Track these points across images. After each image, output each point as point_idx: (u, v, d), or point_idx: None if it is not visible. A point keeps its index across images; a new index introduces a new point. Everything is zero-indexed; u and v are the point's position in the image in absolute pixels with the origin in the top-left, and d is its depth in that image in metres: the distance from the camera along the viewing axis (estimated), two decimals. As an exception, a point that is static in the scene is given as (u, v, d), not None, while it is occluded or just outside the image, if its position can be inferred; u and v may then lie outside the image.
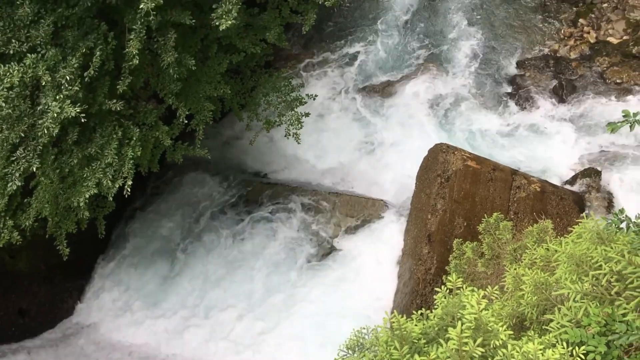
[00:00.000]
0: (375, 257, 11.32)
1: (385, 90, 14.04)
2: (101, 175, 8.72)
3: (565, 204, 10.40)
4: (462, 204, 10.24)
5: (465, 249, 8.26)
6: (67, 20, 8.48)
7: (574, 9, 13.99)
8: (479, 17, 14.52)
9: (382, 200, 12.17)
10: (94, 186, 8.71)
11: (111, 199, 9.08)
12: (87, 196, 8.63)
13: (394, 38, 14.88)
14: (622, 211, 4.61)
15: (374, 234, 11.72)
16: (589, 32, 13.38)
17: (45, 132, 7.97)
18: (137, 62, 8.39)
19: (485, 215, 8.88)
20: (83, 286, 12.73)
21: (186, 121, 10.08)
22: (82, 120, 7.93)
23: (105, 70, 8.84)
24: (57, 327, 12.23)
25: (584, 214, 8.12)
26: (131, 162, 8.94)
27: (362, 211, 12.14)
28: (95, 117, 8.96)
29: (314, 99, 11.85)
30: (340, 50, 15.06)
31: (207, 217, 13.00)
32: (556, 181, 11.40)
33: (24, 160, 8.43)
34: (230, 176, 13.59)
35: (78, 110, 7.74)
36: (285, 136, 11.40)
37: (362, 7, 15.74)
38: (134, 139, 9.09)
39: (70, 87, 7.99)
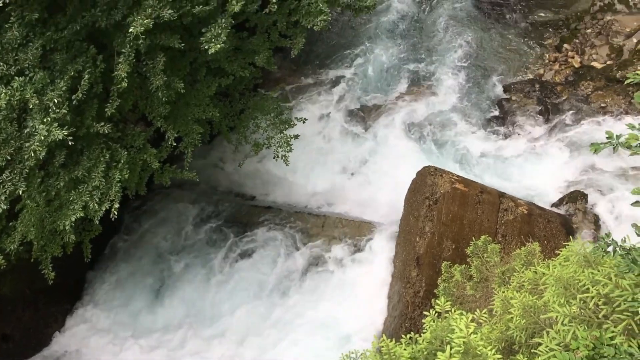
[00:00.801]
0: (365, 280, 11.28)
1: (373, 112, 14.14)
2: (88, 198, 8.64)
3: (552, 226, 10.46)
4: (450, 226, 10.26)
5: (453, 272, 8.26)
6: (56, 44, 8.48)
7: (559, 34, 14.25)
8: (465, 41, 14.73)
9: (371, 222, 12.17)
10: (80, 209, 8.63)
11: (97, 222, 8.99)
12: (73, 219, 8.54)
13: (381, 61, 15.04)
14: (608, 235, 4.64)
15: (363, 256, 11.70)
16: (573, 57, 13.62)
17: (32, 155, 7.92)
18: (126, 85, 8.40)
19: (473, 237, 8.91)
20: (69, 310, 12.53)
21: (174, 144, 10.06)
22: (70, 143, 7.89)
23: (94, 93, 8.82)
24: (41, 352, 12.01)
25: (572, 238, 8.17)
26: (118, 185, 8.87)
27: (351, 234, 12.13)
28: (83, 139, 8.92)
29: (304, 123, 11.90)
30: (328, 72, 15.19)
31: (194, 240, 12.92)
32: (543, 203, 11.47)
33: (9, 184, 8.35)
34: (219, 199, 13.56)
35: (65, 133, 7.70)
36: (274, 158, 11.40)
37: (351, 30, 15.93)
38: (122, 161, 9.04)
39: (58, 110, 7.95)
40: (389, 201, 12.16)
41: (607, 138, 4.34)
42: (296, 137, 11.43)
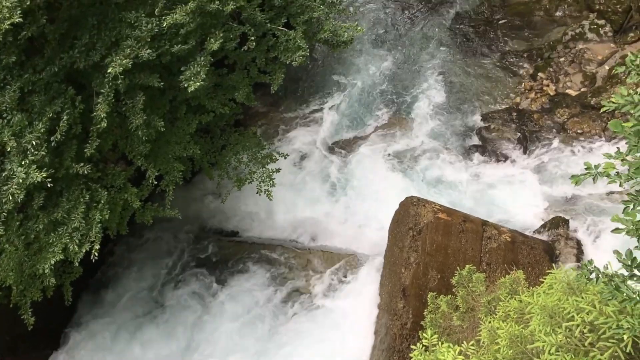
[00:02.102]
0: (351, 314, 11.17)
1: (354, 144, 14.23)
2: (67, 240, 8.52)
3: (535, 253, 10.50)
4: (435, 256, 10.25)
5: (440, 303, 8.23)
6: (34, 86, 8.47)
7: (533, 63, 14.56)
8: (442, 73, 14.98)
9: (355, 254, 12.13)
10: (60, 252, 8.50)
11: (77, 264, 8.85)
12: (52, 262, 8.41)
13: (361, 94, 15.20)
14: (590, 262, 4.66)
15: (348, 289, 11.62)
16: (548, 85, 13.89)
17: (10, 198, 7.82)
18: (105, 125, 8.39)
19: (458, 267, 8.91)
20: (49, 356, 12.21)
21: (156, 182, 10.01)
22: (49, 185, 7.81)
23: (73, 134, 8.78)
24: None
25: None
26: (99, 225, 8.78)
27: (335, 267, 12.07)
28: (62, 181, 8.84)
29: (285, 157, 11.93)
30: (309, 105, 15.30)
31: (178, 278, 12.74)
32: (525, 230, 11.54)
33: (-13, 228, 8.22)
34: (202, 235, 13.44)
35: (44, 175, 7.65)
36: (257, 193, 11.37)
37: (330, 64, 16.11)
38: (102, 202, 8.96)
39: (37, 152, 7.90)
40: (373, 232, 12.15)
41: (586, 169, 4.40)
42: (278, 171, 11.44)
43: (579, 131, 12.82)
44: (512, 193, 12.30)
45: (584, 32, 14.30)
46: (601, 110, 4.50)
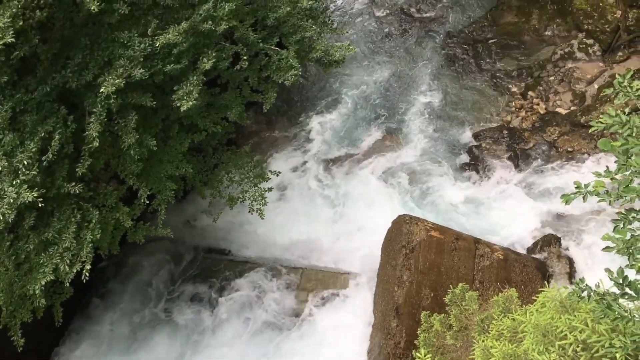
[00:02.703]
0: (344, 333, 11.13)
1: (346, 162, 14.27)
2: (58, 260, 8.45)
3: (528, 271, 10.52)
4: (427, 274, 10.25)
5: (433, 322, 8.21)
6: (26, 105, 8.44)
7: (523, 82, 14.71)
8: (434, 91, 15.11)
9: (348, 273, 12.10)
10: (50, 272, 8.41)
11: (68, 284, 8.77)
12: (43, 283, 8.32)
13: (353, 112, 15.29)
14: (582, 280, 4.68)
15: (342, 308, 11.59)
16: (538, 104, 14.03)
17: (1, 218, 7.75)
18: (97, 144, 8.36)
19: (451, 285, 8.91)
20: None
21: (147, 201, 9.97)
22: (40, 205, 7.76)
23: (64, 154, 8.74)
24: None
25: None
26: (90, 245, 8.71)
27: (329, 286, 12.03)
28: (53, 200, 8.78)
29: (277, 175, 11.93)
30: (301, 125, 15.36)
31: (169, 298, 12.66)
32: (518, 248, 11.58)
33: (-23, 248, 8.16)
34: (193, 254, 13.37)
35: (35, 195, 7.59)
36: (249, 212, 11.34)
37: (322, 83, 16.22)
38: (93, 221, 8.90)
39: (28, 172, 7.86)
40: (366, 251, 12.13)
41: (576, 188, 4.45)
42: (270, 190, 11.44)
43: (569, 149, 12.93)
44: (504, 211, 12.35)
45: (573, 51, 14.49)
46: (590, 130, 4.55)
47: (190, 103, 8.65)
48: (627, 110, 4.63)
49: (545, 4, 15.66)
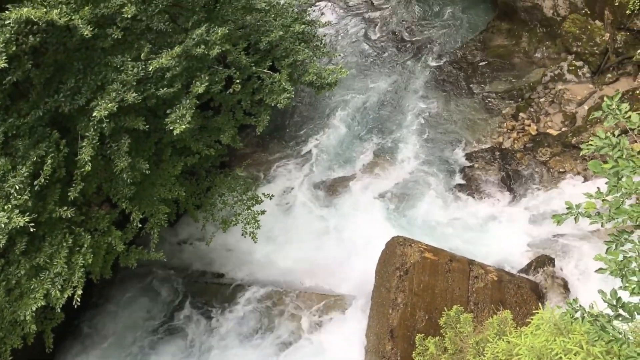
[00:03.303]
0: (338, 356, 11.02)
1: (339, 185, 14.27)
2: (50, 285, 8.38)
3: (522, 292, 10.49)
4: (422, 296, 10.20)
5: (428, 345, 8.16)
6: (18, 130, 8.42)
7: (514, 103, 14.84)
8: (426, 113, 15.21)
9: (342, 295, 12.03)
10: (41, 297, 8.34)
11: (59, 310, 8.67)
12: (34, 309, 8.24)
13: (346, 134, 15.34)
14: (575, 301, 4.67)
15: (336, 331, 11.50)
16: (529, 125, 14.14)
17: (-8, 243, 7.70)
18: (90, 168, 8.34)
19: (445, 307, 8.87)
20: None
21: (140, 225, 9.92)
22: (31, 230, 7.71)
23: (57, 178, 8.71)
24: None
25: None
26: (82, 270, 8.65)
27: (323, 308, 11.95)
28: (45, 225, 8.73)
29: (271, 199, 11.92)
30: (294, 147, 15.39)
31: (162, 322, 12.52)
32: (512, 269, 11.56)
33: (-33, 274, 8.07)
34: (187, 278, 13.27)
35: (27, 220, 7.55)
36: (242, 235, 11.31)
37: (315, 105, 16.29)
38: (85, 246, 8.85)
39: (20, 197, 7.82)
40: (360, 273, 12.07)
41: (568, 208, 4.46)
42: (263, 212, 11.41)
43: (561, 170, 12.99)
44: (498, 232, 12.36)
45: (562, 73, 14.65)
46: (581, 153, 4.58)
47: (183, 126, 8.66)
48: (616, 132, 4.67)
49: (534, 27, 15.87)
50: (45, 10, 7.40)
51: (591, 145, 4.59)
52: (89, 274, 9.44)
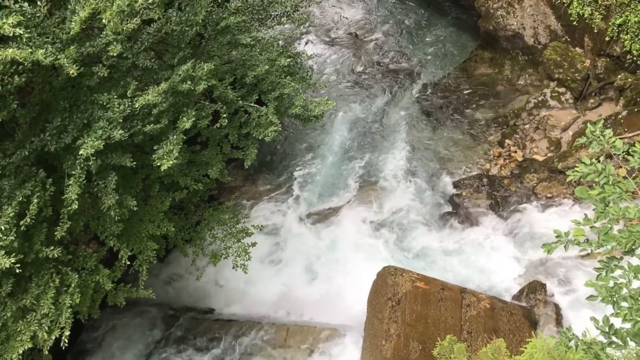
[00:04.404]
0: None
1: (329, 215, 14.25)
2: (37, 327, 8.21)
3: (515, 319, 10.44)
4: (415, 326, 10.12)
5: (422, 376, 8.05)
6: (4, 170, 8.34)
7: (500, 130, 15.00)
8: (412, 142, 15.31)
9: (335, 328, 11.90)
10: (28, 340, 8.16)
11: (47, 352, 8.49)
12: (20, 352, 8.06)
13: (334, 164, 15.38)
14: (569, 329, 4.65)
15: (329, 365, 11.35)
16: (515, 152, 14.28)
17: (-23, 286, 7.56)
18: (76, 206, 8.25)
19: (439, 336, 8.80)
20: None
21: (129, 262, 9.80)
22: (17, 271, 7.58)
23: (43, 217, 8.60)
24: None
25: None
26: (69, 310, 8.49)
27: (315, 341, 11.80)
28: (32, 266, 8.59)
29: (260, 230, 11.86)
30: (283, 178, 15.40)
31: (153, 361, 12.31)
32: (504, 295, 11.52)
33: (-48, 317, 7.91)
34: (177, 314, 13.08)
35: (13, 261, 7.42)
36: (233, 268, 11.20)
37: (302, 136, 16.37)
38: (73, 285, 8.71)
39: (5, 237, 7.70)
40: (352, 304, 11.98)
41: (557, 236, 4.47)
42: (254, 244, 11.33)
43: (548, 195, 13.07)
44: (488, 258, 12.35)
45: (546, 99, 14.86)
46: (567, 180, 4.61)
47: (171, 162, 8.61)
48: (601, 158, 4.71)
49: (516, 55, 16.15)
50: (30, 50, 7.38)
51: (577, 171, 4.63)
52: (77, 314, 9.28)
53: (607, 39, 13.74)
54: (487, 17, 16.41)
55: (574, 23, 14.52)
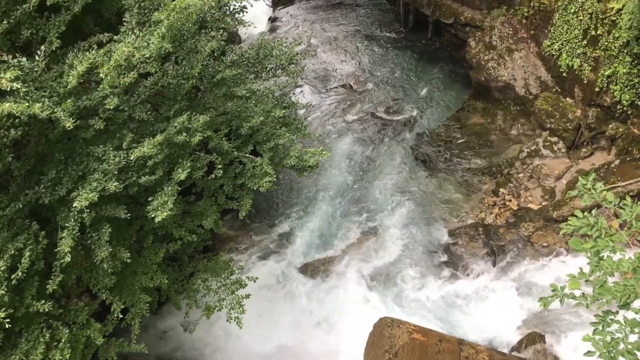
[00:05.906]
0: None
1: (324, 266, 14.14)
2: (25, 384, 8.02)
3: (515, 372, 10.25)
4: (413, 380, 9.91)
5: None
6: (-3, 223, 8.32)
7: (494, 179, 15.09)
8: (407, 191, 15.36)
9: (331, 383, 11.67)
10: (16, 398, 7.96)
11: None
12: (7, 410, 7.85)
13: (329, 214, 15.37)
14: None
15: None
16: (510, 200, 14.32)
17: (-35, 341, 7.40)
18: (69, 259, 8.16)
19: (437, 392, 8.59)
20: None
21: (121, 315, 9.64)
22: (7, 326, 7.44)
23: (35, 270, 8.49)
24: None
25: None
26: (59, 366, 8.30)
27: (311, 396, 11.54)
28: (22, 320, 8.43)
29: (255, 282, 11.73)
30: (277, 228, 15.34)
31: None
32: (502, 347, 11.33)
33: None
34: (170, 369, 12.81)
35: (3, 316, 7.31)
36: (227, 321, 11.01)
37: (297, 186, 16.41)
38: (63, 340, 8.52)
39: (-4, 292, 7.60)
40: (349, 357, 11.77)
41: (553, 290, 4.44)
42: (248, 296, 11.19)
43: (544, 244, 13.04)
44: (485, 309, 12.22)
45: (539, 149, 15.02)
46: (560, 233, 4.61)
47: (165, 214, 8.57)
48: (594, 211, 4.73)
49: (508, 105, 16.40)
50: (27, 104, 7.44)
51: (570, 225, 4.64)
52: (66, 370, 9.06)
53: (597, 89, 13.99)
54: (478, 69, 16.74)
55: (564, 74, 14.82)
